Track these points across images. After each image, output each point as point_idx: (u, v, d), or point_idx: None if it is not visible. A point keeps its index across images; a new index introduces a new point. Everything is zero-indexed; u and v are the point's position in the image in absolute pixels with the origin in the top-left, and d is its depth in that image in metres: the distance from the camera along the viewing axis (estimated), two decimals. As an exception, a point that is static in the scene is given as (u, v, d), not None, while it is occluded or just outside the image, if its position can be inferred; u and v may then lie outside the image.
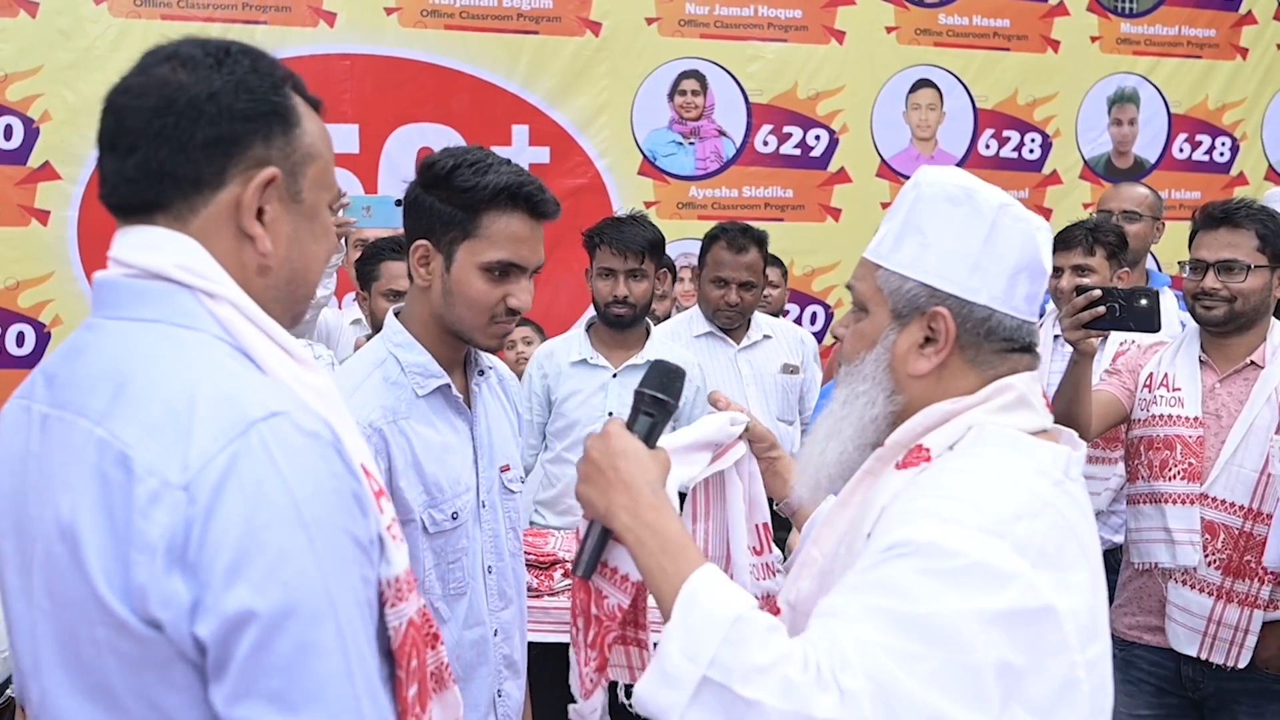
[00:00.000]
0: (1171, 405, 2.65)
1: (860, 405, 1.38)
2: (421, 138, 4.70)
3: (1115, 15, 5.42)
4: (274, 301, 1.16)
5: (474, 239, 1.79)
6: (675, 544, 1.28)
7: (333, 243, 1.23)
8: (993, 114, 5.32)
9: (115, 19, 4.45)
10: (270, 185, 1.11)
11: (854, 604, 1.17)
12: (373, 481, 1.10)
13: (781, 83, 5.09)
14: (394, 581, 1.11)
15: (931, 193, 1.37)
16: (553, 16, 4.85)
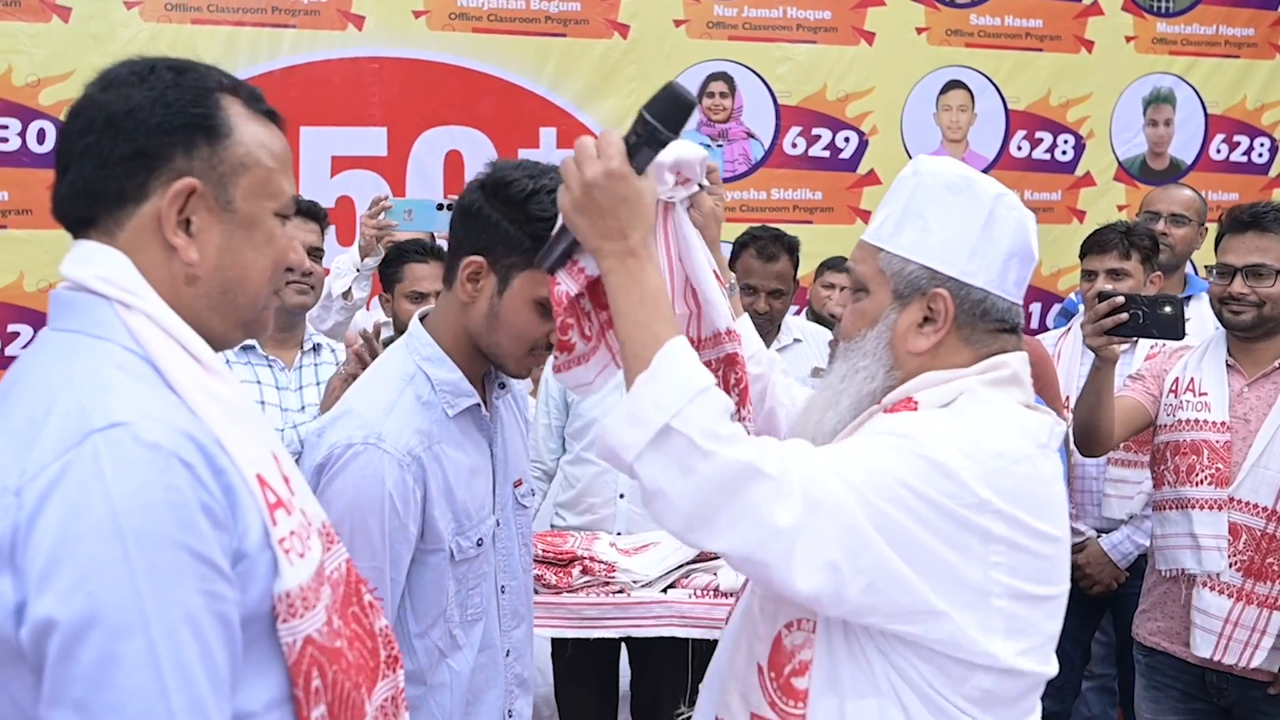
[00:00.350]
0: (1198, 410, 2.63)
1: (860, 379, 1.46)
2: (450, 140, 4.71)
3: (1151, 15, 5.33)
4: (209, 310, 1.18)
5: (537, 270, 1.65)
6: (654, 300, 1.36)
7: (278, 251, 1.23)
8: (1025, 115, 5.24)
9: (146, 23, 4.46)
10: (192, 196, 1.14)
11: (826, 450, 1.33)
12: (269, 493, 1.11)
13: (810, 84, 5.04)
14: (285, 596, 1.10)
15: (932, 181, 1.45)
16: (580, 19, 4.82)
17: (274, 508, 1.11)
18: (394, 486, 1.66)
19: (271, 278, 1.23)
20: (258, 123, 1.20)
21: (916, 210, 1.45)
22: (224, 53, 4.50)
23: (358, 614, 1.25)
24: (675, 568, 2.94)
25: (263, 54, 4.55)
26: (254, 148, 1.18)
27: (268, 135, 1.21)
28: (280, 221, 1.23)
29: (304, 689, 1.12)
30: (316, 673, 1.13)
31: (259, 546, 1.09)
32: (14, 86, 4.37)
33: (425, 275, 3.41)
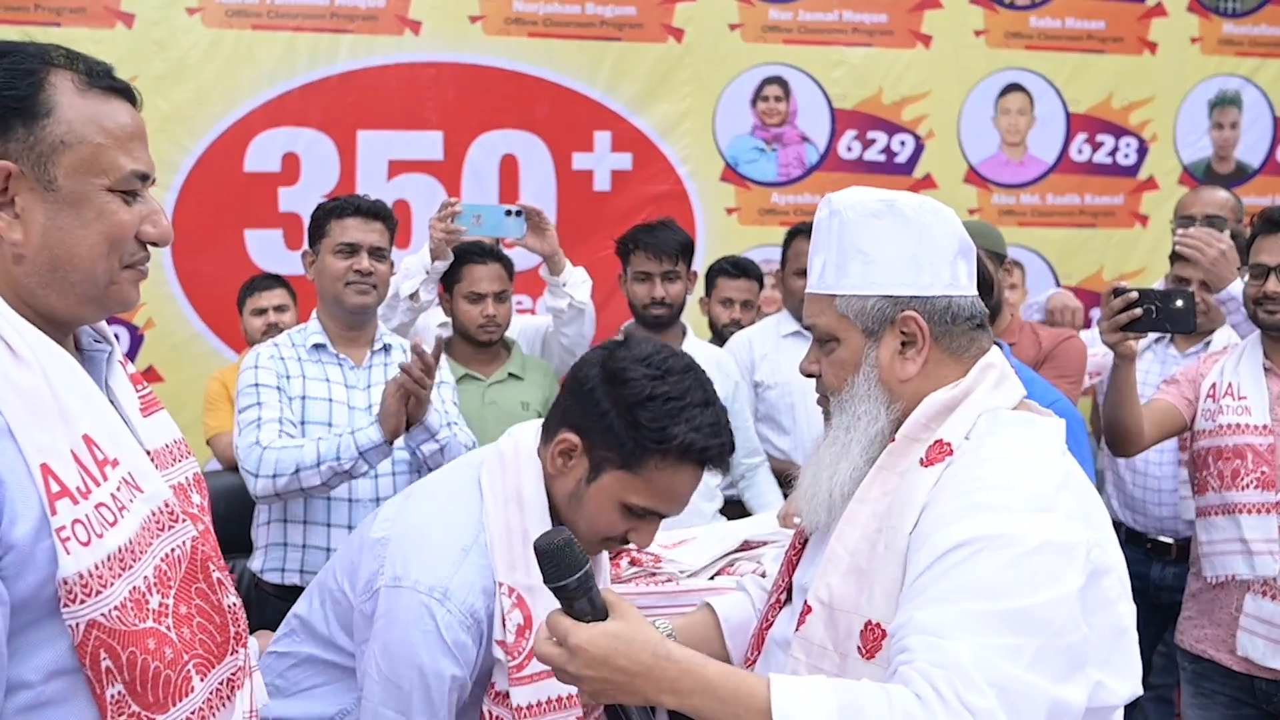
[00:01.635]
0: (1239, 414, 2.60)
1: (863, 425, 1.45)
2: (505, 144, 4.68)
3: (1217, 15, 5.17)
4: (42, 288, 1.20)
5: (631, 475, 1.63)
6: (727, 687, 1.25)
7: (110, 226, 1.22)
8: (1086, 118, 5.10)
9: (208, 30, 4.49)
10: (10, 178, 1.17)
11: (949, 616, 1.21)
12: (52, 483, 1.13)
13: (866, 88, 4.94)
14: (64, 583, 1.12)
15: (854, 215, 1.45)
16: (635, 23, 4.78)
17: (56, 497, 1.12)
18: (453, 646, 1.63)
19: (108, 253, 1.22)
20: (93, 98, 1.21)
21: (852, 247, 1.45)
22: (283, 58, 4.54)
23: (204, 590, 1.28)
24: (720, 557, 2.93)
25: (321, 59, 4.57)
26: (78, 125, 1.19)
27: (103, 111, 1.21)
28: (119, 197, 1.22)
29: (93, 668, 1.15)
30: (105, 654, 1.14)
31: (34, 536, 1.11)
32: (80, 92, 4.43)
33: (484, 276, 3.38)
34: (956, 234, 1.47)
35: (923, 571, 1.27)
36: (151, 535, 1.23)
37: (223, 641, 1.29)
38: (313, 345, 2.95)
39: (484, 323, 3.39)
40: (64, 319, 1.25)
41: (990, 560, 1.24)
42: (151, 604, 1.20)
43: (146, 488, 1.24)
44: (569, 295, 3.53)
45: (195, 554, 1.28)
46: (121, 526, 1.18)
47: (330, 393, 2.94)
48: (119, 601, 1.16)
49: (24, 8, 4.40)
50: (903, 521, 1.35)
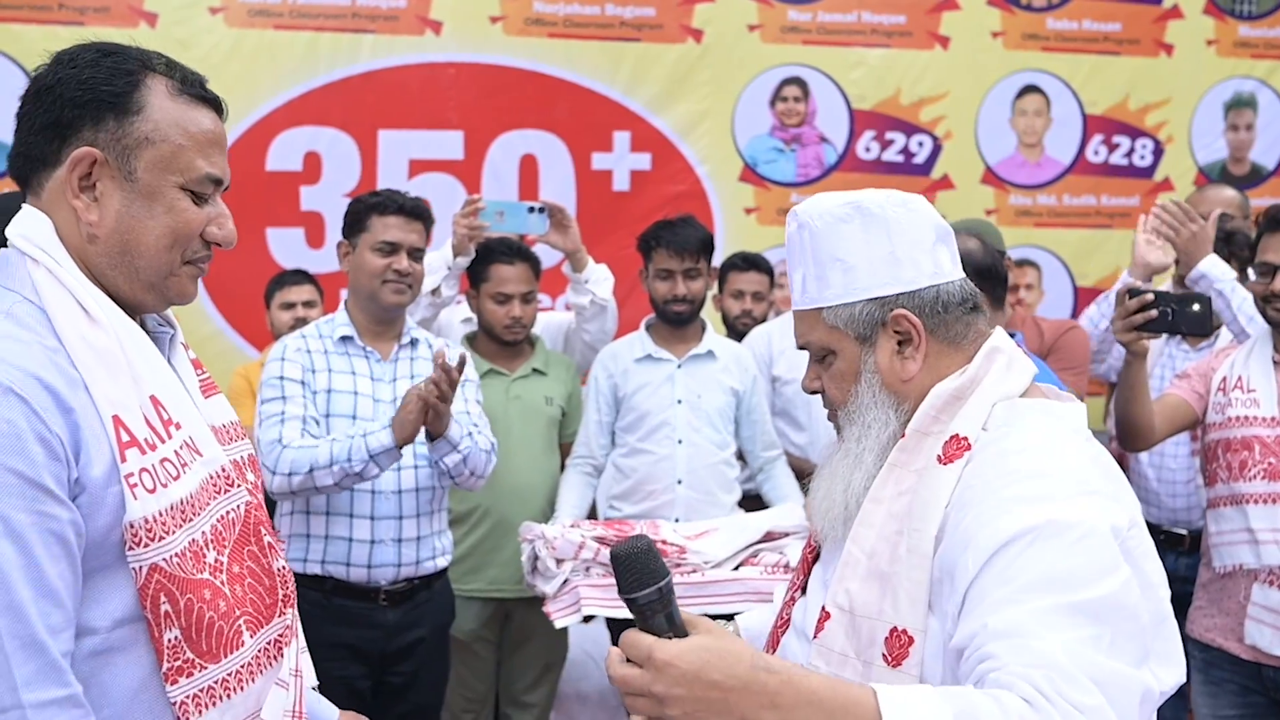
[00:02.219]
0: (1247, 406, 2.63)
1: (874, 432, 1.41)
2: (525, 144, 4.67)
3: (1233, 17, 5.16)
4: (110, 269, 1.31)
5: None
6: (834, 699, 1.14)
7: (177, 222, 1.32)
8: (1102, 120, 5.08)
9: (230, 29, 4.49)
10: (95, 164, 1.28)
11: (1024, 616, 1.15)
12: (123, 433, 1.24)
13: (884, 89, 4.92)
14: (130, 526, 1.22)
15: (822, 224, 1.42)
16: (655, 24, 4.77)
17: (125, 446, 1.24)
18: None
19: (171, 246, 1.32)
20: (182, 104, 1.32)
21: (827, 256, 1.42)
22: (304, 58, 4.53)
23: (255, 553, 1.37)
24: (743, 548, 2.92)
25: (342, 59, 4.56)
26: (164, 125, 1.30)
27: (189, 116, 1.33)
28: (190, 196, 1.33)
29: (152, 611, 1.24)
30: (165, 598, 1.24)
31: (104, 480, 1.22)
32: (103, 91, 4.42)
33: (511, 277, 3.38)
34: (931, 221, 1.43)
35: (976, 575, 1.21)
36: (209, 495, 1.33)
37: (271, 603, 1.37)
38: (340, 337, 2.94)
39: (510, 323, 3.39)
40: (128, 302, 1.34)
41: (1046, 552, 1.19)
42: (208, 558, 1.29)
43: (205, 452, 1.35)
44: (591, 292, 3.53)
45: (249, 518, 1.38)
46: (183, 481, 1.29)
47: (355, 385, 2.93)
48: (179, 549, 1.26)
49: (48, 6, 4.40)
50: (925, 523, 1.30)
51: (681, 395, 3.35)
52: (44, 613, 1.17)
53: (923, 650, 1.28)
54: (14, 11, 4.35)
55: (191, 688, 1.27)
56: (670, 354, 3.40)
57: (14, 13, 4.35)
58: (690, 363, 3.38)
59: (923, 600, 1.29)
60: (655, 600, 1.17)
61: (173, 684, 1.25)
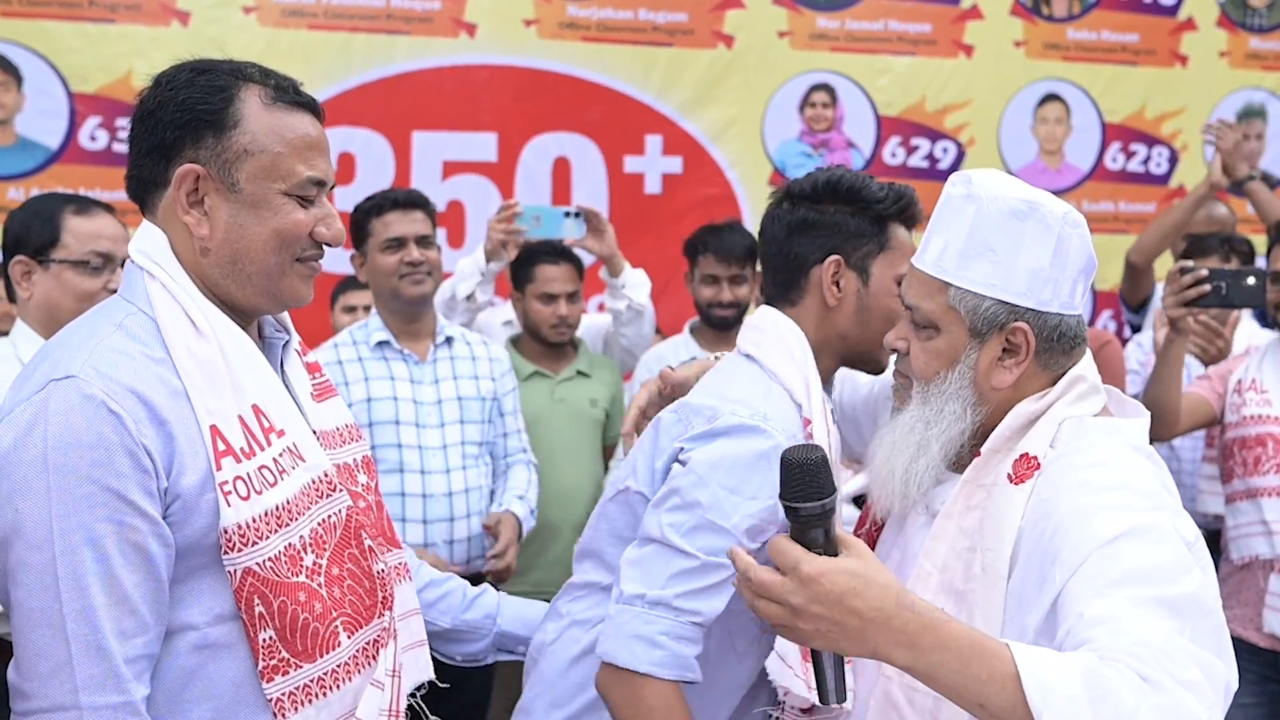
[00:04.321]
0: (1261, 406, 2.70)
1: (948, 421, 1.37)
2: (558, 147, 4.53)
3: (1244, 30, 5.14)
4: (224, 279, 1.32)
5: (889, 252, 1.64)
6: (972, 648, 1.09)
7: (280, 223, 1.31)
8: (1120, 128, 5.04)
9: (263, 29, 4.31)
10: (200, 180, 1.29)
11: (1116, 605, 1.13)
12: (219, 442, 1.24)
13: (910, 96, 4.85)
14: (224, 532, 1.23)
15: (994, 207, 1.33)
16: (687, 30, 4.65)
17: (221, 455, 1.24)
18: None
19: (278, 248, 1.32)
20: (278, 112, 1.31)
21: (982, 241, 1.34)
22: (338, 58, 4.36)
23: (355, 556, 1.36)
24: None
25: (376, 60, 4.39)
26: (261, 135, 1.30)
27: (285, 123, 1.31)
28: (295, 200, 1.31)
29: (247, 612, 1.25)
30: (259, 600, 1.24)
31: (199, 487, 1.23)
32: (135, 89, 4.23)
33: (556, 277, 3.28)
34: (1087, 251, 1.37)
35: (1066, 582, 1.19)
36: (310, 500, 1.31)
37: (371, 605, 1.35)
38: (377, 343, 2.83)
39: (556, 323, 3.28)
40: (244, 308, 1.35)
41: (1130, 550, 1.18)
42: (306, 562, 1.28)
43: (308, 458, 1.33)
44: (628, 297, 3.42)
45: (350, 522, 1.37)
46: (281, 488, 1.28)
47: (395, 390, 2.82)
48: (273, 554, 1.26)
49: (78, 4, 4.20)
50: (1000, 544, 1.28)
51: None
52: (115, 618, 1.17)
53: None
54: (44, 8, 4.16)
55: (287, 685, 1.26)
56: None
57: (44, 9, 4.15)
58: (734, 363, 3.28)
59: (997, 621, 1.26)
60: (818, 514, 1.14)
61: (268, 681, 1.25)
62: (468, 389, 2.89)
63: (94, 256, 2.21)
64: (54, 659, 1.16)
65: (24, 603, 1.18)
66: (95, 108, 4.18)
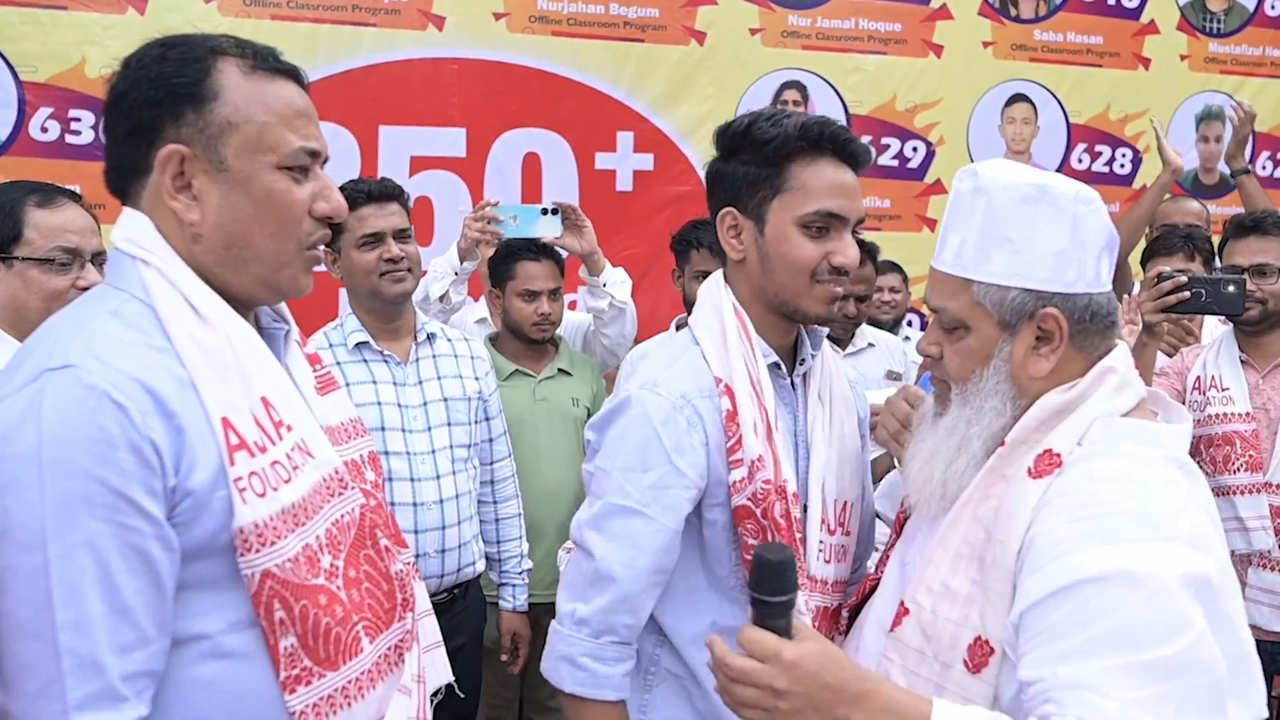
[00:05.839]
0: (1224, 404, 2.71)
1: (988, 419, 1.33)
2: (528, 143, 4.40)
3: (1203, 34, 5.18)
4: (218, 265, 1.21)
5: (786, 193, 1.53)
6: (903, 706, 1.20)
7: (279, 205, 1.20)
8: (1085, 129, 5.05)
9: (224, 18, 4.14)
10: (184, 161, 1.18)
11: (1095, 672, 1.12)
12: (232, 435, 1.13)
13: (880, 95, 4.80)
14: (240, 532, 1.12)
15: (1005, 196, 1.30)
16: (658, 25, 4.55)
17: (235, 449, 1.13)
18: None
19: (279, 234, 1.21)
20: (258, 80, 1.20)
21: (997, 232, 1.30)
22: (303, 49, 4.18)
23: (372, 557, 1.27)
24: None
25: (342, 52, 4.24)
26: (244, 105, 1.18)
27: (268, 91, 1.20)
28: (288, 175, 1.20)
29: (267, 618, 1.14)
30: (279, 604, 1.14)
31: (211, 484, 1.12)
32: (88, 79, 4.04)
33: (538, 274, 3.16)
34: (1105, 227, 1.33)
35: (1037, 603, 1.19)
36: (323, 499, 1.22)
37: (390, 607, 1.27)
38: (355, 345, 2.65)
39: (539, 320, 3.16)
40: (240, 298, 1.24)
41: (1120, 604, 1.14)
42: (323, 563, 1.19)
43: (318, 454, 1.23)
44: (609, 295, 3.32)
45: (364, 521, 1.28)
46: (294, 485, 1.18)
47: (378, 395, 2.64)
48: (292, 555, 1.15)
49: (30, -11, 4.00)
50: (1009, 539, 1.25)
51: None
52: (112, 630, 1.06)
53: (1001, 661, 1.25)
54: (-7, -6, 3.95)
55: (311, 696, 1.17)
56: None
57: (-7, -5, 3.95)
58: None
59: (1006, 612, 1.25)
60: (785, 605, 1.20)
61: (291, 692, 1.15)
62: (453, 389, 2.75)
63: (60, 253, 2.02)
64: (43, 675, 1.04)
65: (11, 612, 1.05)
66: (46, 98, 3.97)
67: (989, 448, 1.34)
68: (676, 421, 1.53)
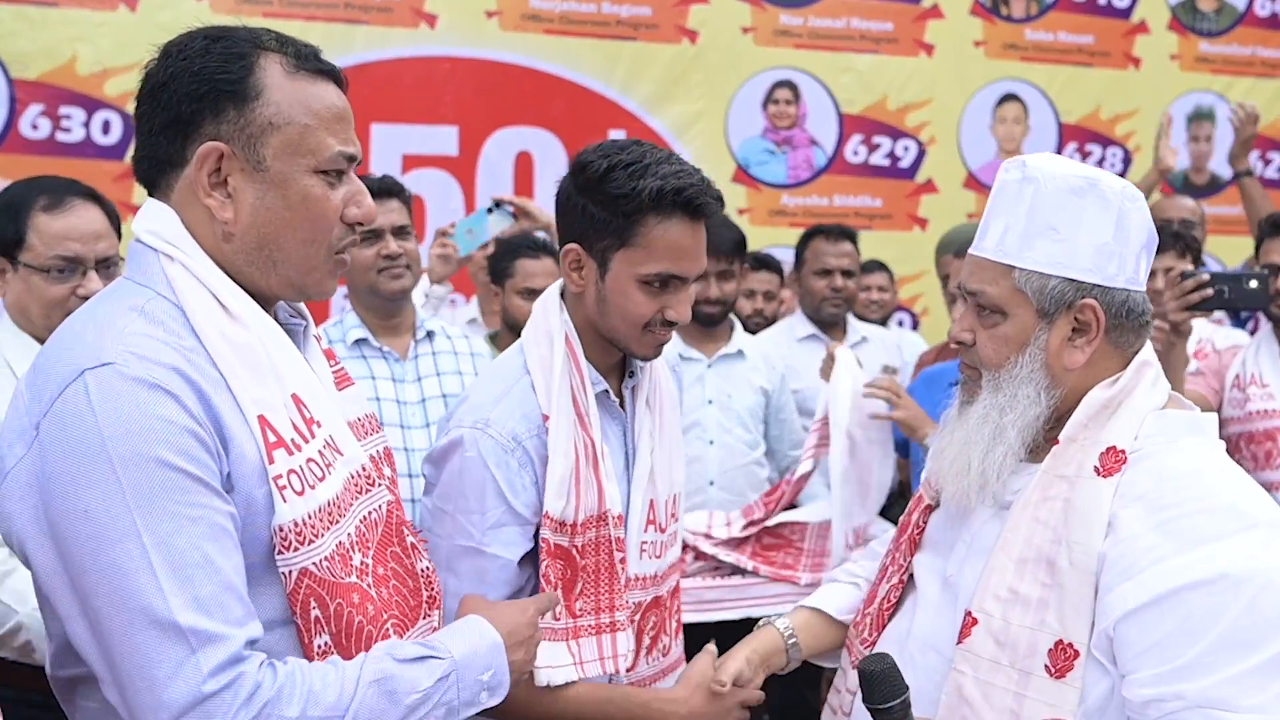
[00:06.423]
0: (1265, 400, 2.68)
1: (1022, 408, 1.33)
2: (520, 141, 4.40)
3: (1194, 34, 5.18)
4: (248, 265, 1.19)
5: (631, 248, 1.54)
6: None
7: (314, 211, 1.19)
8: (1076, 128, 5.05)
9: (215, 15, 4.14)
10: (223, 158, 1.15)
11: (1223, 685, 1.14)
12: (269, 433, 1.13)
13: (872, 94, 4.80)
14: (279, 530, 1.12)
15: (1053, 186, 1.31)
16: (651, 24, 4.55)
17: (273, 447, 1.12)
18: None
19: (312, 239, 1.19)
20: (301, 80, 1.18)
21: (1043, 221, 1.31)
22: (294, 47, 4.22)
23: (398, 554, 1.27)
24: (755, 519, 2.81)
25: (335, 50, 4.23)
26: (286, 106, 1.16)
27: (310, 93, 1.18)
28: (324, 179, 1.19)
29: (303, 617, 1.14)
30: (315, 603, 1.14)
31: (254, 480, 1.12)
32: (79, 76, 4.03)
33: (537, 271, 3.15)
34: (1147, 225, 1.34)
35: (1137, 611, 1.20)
36: (352, 496, 1.21)
37: (416, 604, 1.27)
38: (354, 341, 2.65)
39: None
40: (265, 297, 1.22)
41: (1226, 609, 1.16)
42: (354, 561, 1.18)
43: (346, 451, 1.23)
44: None
45: (390, 518, 1.27)
46: (329, 482, 1.17)
47: (377, 391, 2.63)
48: (328, 553, 1.15)
49: (20, -14, 3.99)
50: (1089, 538, 1.25)
51: (712, 395, 3.15)
52: (223, 606, 1.07)
53: (1085, 663, 1.23)
54: (-17, -9, 3.94)
55: None
56: (700, 353, 3.20)
57: (-17, -8, 3.94)
58: (720, 362, 3.20)
59: (1087, 615, 1.24)
60: (901, 706, 1.22)
61: None
62: (452, 386, 2.74)
63: (58, 262, 1.96)
64: (172, 657, 1.03)
65: (119, 608, 1.03)
66: (37, 95, 3.96)
67: (1024, 438, 1.34)
68: (509, 464, 1.57)
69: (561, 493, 1.57)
